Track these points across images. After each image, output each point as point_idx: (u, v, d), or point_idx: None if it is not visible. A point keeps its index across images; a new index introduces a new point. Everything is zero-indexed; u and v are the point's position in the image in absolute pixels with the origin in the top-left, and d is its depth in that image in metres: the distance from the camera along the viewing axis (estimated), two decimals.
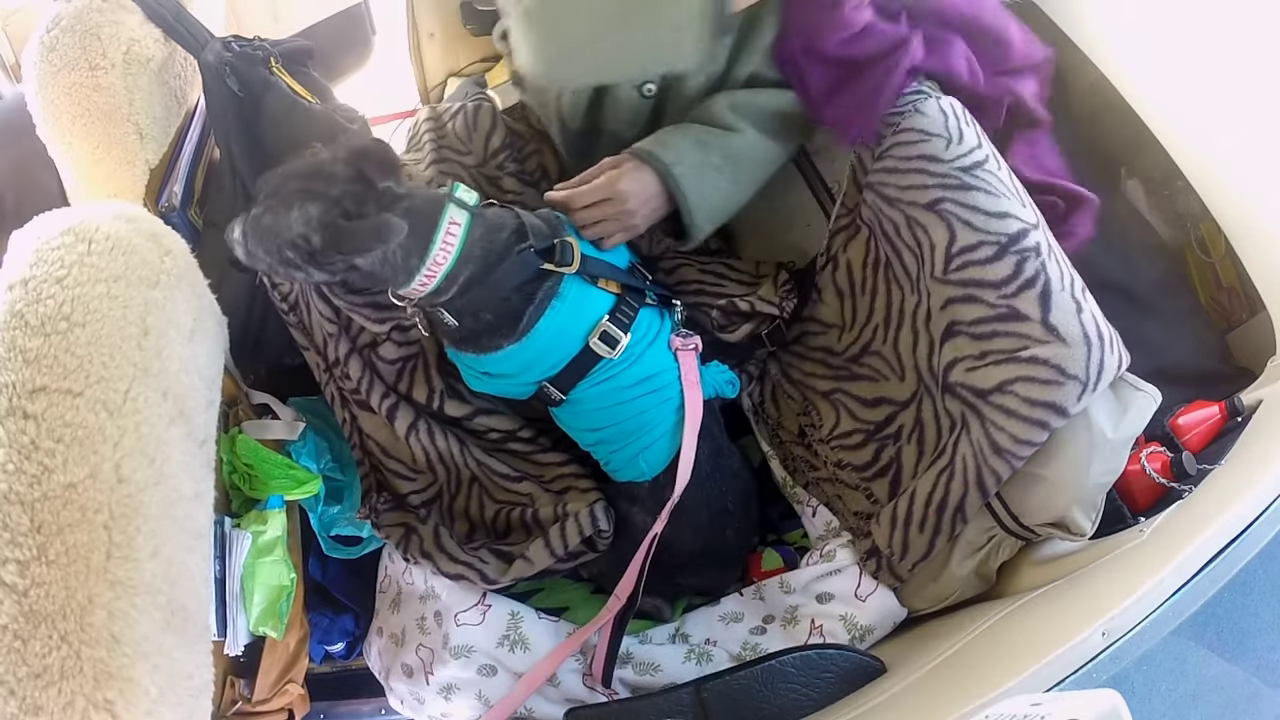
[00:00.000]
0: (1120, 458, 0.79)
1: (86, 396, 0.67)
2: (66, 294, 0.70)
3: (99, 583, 0.63)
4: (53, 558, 0.62)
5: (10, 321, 0.68)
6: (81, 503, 0.64)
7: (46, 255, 0.72)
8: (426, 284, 0.84)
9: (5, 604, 0.60)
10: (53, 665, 0.60)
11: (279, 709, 0.97)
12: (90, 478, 0.65)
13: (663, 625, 1.00)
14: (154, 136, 1.06)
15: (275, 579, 0.93)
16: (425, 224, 0.82)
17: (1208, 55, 1.04)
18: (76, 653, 0.60)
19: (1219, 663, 1.45)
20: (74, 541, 0.63)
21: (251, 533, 0.92)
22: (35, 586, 0.61)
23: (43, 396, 0.66)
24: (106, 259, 0.73)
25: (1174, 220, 1.23)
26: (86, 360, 0.68)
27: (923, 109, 0.88)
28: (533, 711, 0.92)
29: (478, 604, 0.93)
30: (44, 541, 0.62)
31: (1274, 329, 0.97)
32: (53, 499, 0.63)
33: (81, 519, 0.64)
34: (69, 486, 0.64)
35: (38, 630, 0.60)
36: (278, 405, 1.06)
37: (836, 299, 1.00)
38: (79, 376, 0.67)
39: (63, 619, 0.61)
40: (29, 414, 0.65)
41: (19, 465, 0.63)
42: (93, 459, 0.66)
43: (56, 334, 0.68)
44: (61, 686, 0.60)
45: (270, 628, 0.93)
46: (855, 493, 0.97)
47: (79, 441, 0.65)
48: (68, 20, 1.00)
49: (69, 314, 0.69)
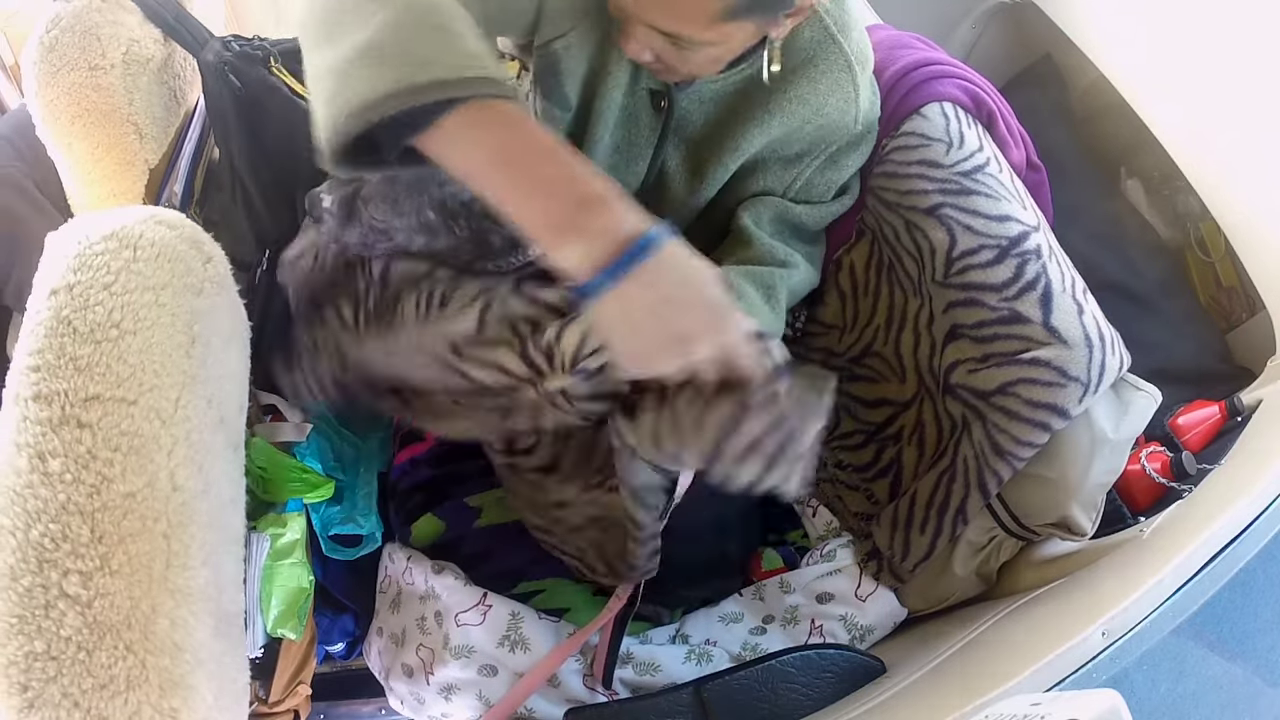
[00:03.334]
0: (1121, 458, 0.79)
1: (140, 405, 0.67)
2: (115, 301, 0.69)
3: (161, 592, 0.63)
4: (116, 568, 0.62)
5: (58, 328, 0.68)
6: (141, 512, 0.64)
7: (91, 260, 0.71)
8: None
9: (69, 616, 0.60)
10: (119, 676, 0.60)
11: (288, 710, 0.97)
12: (148, 487, 0.65)
13: (662, 626, 1.00)
14: (153, 136, 1.06)
15: (295, 581, 0.94)
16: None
17: (1208, 55, 1.04)
18: (142, 662, 0.61)
19: (1219, 662, 1.45)
20: (136, 551, 0.63)
21: (270, 535, 0.93)
22: (100, 597, 0.61)
23: (97, 405, 0.65)
24: (153, 266, 0.73)
25: (1174, 220, 1.23)
26: (139, 368, 0.68)
27: (924, 113, 0.88)
28: (533, 711, 0.92)
29: (478, 604, 0.94)
30: (107, 551, 0.62)
31: (1274, 329, 0.97)
32: (113, 509, 0.63)
33: (142, 528, 0.64)
34: (128, 496, 0.64)
35: (103, 641, 0.60)
36: (285, 407, 1.06)
37: (838, 300, 1.00)
38: (132, 385, 0.67)
39: (128, 629, 0.61)
40: (84, 423, 0.65)
41: (77, 475, 0.63)
42: (149, 468, 0.65)
43: (108, 341, 0.68)
44: (128, 697, 0.60)
45: (290, 629, 0.93)
46: (856, 493, 0.97)
47: (135, 451, 0.65)
48: (67, 20, 1.00)
49: (119, 321, 0.69)
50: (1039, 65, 1.34)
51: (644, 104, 0.86)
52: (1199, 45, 1.05)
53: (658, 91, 0.84)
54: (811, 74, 0.82)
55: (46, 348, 0.67)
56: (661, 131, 0.87)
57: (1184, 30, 1.06)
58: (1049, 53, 1.33)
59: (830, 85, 0.83)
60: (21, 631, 0.59)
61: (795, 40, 0.81)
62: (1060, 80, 1.32)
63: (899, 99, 0.90)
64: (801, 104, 0.83)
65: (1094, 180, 1.24)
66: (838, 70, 0.83)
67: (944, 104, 0.89)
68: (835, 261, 0.99)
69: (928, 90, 0.90)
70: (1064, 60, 1.31)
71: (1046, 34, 1.27)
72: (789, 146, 0.88)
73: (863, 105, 0.86)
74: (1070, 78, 1.32)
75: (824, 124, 0.85)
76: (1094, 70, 1.18)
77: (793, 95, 0.83)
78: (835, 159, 0.89)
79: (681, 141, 0.88)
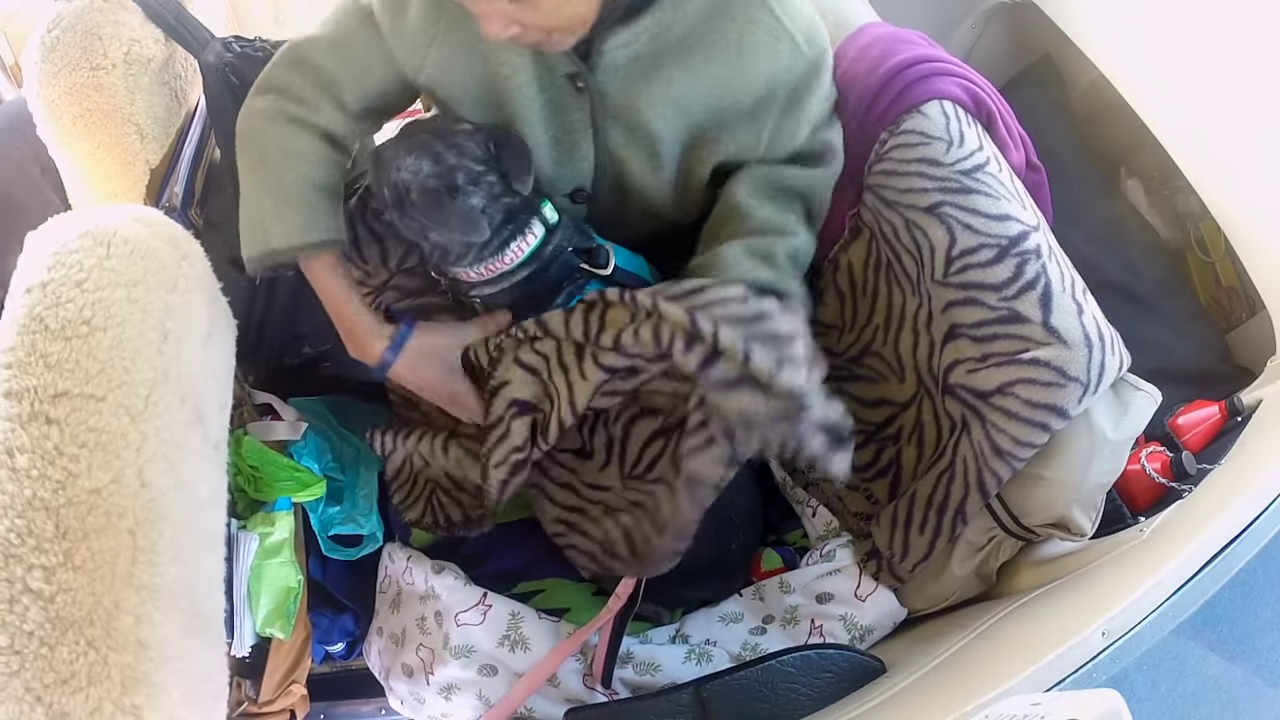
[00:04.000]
0: (1121, 458, 0.79)
1: (109, 401, 0.67)
2: (87, 298, 0.70)
3: (125, 588, 0.63)
4: (79, 563, 0.62)
5: (30, 325, 0.68)
6: (106, 508, 0.64)
7: (65, 259, 0.72)
8: (484, 275, 0.88)
9: (32, 610, 0.60)
10: (80, 671, 0.60)
11: (282, 710, 0.97)
12: (114, 483, 0.65)
13: (662, 626, 1.00)
14: (154, 137, 1.06)
15: (283, 580, 0.94)
16: (509, 228, 0.86)
17: (1208, 56, 1.04)
18: (104, 658, 0.61)
19: (1219, 663, 1.45)
20: (100, 547, 0.63)
21: (258, 534, 0.93)
22: (62, 593, 0.61)
23: (65, 401, 0.66)
24: (126, 263, 0.73)
25: (1174, 220, 1.23)
26: (108, 365, 0.68)
27: (924, 110, 0.88)
28: (533, 711, 0.92)
29: (478, 604, 0.94)
30: (70, 547, 0.62)
31: (1274, 329, 0.97)
32: (78, 504, 0.63)
33: (107, 524, 0.64)
34: (93, 492, 0.64)
35: (65, 636, 0.60)
36: (280, 405, 1.06)
37: (837, 300, 1.00)
38: (101, 381, 0.67)
39: (90, 625, 0.61)
40: (52, 419, 0.65)
41: (43, 471, 0.63)
42: (116, 464, 0.66)
43: (78, 338, 0.68)
44: (89, 692, 0.60)
45: (279, 629, 0.93)
46: (855, 493, 0.97)
47: (102, 447, 0.65)
48: (68, 20, 1.00)
49: (89, 318, 0.69)
50: (1039, 65, 1.34)
51: (565, 90, 0.85)
52: (1199, 45, 1.05)
53: (574, 74, 0.84)
54: (724, 16, 0.81)
55: (19, 345, 0.67)
56: (591, 112, 0.86)
57: (1184, 30, 1.06)
58: (1049, 53, 1.33)
59: (746, 21, 0.81)
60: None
61: None
62: (1060, 80, 1.32)
63: (898, 92, 0.90)
64: (724, 49, 0.82)
65: (1094, 180, 1.24)
66: (750, 4, 0.81)
67: (944, 102, 0.89)
68: (833, 261, 0.99)
69: (928, 87, 0.89)
70: (1064, 60, 1.31)
71: (1046, 34, 1.27)
72: (737, 98, 0.85)
73: (795, 31, 0.83)
74: (1070, 78, 1.32)
75: (759, 63, 0.83)
76: (1094, 70, 1.18)
77: (711, 40, 0.82)
78: (796, 98, 0.86)
79: (616, 117, 0.87)
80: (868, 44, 0.95)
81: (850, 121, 0.93)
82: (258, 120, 0.87)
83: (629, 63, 0.83)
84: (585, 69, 0.83)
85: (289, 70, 0.87)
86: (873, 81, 0.91)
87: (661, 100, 0.84)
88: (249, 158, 0.88)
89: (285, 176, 0.86)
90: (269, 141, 0.87)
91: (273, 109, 0.86)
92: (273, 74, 0.88)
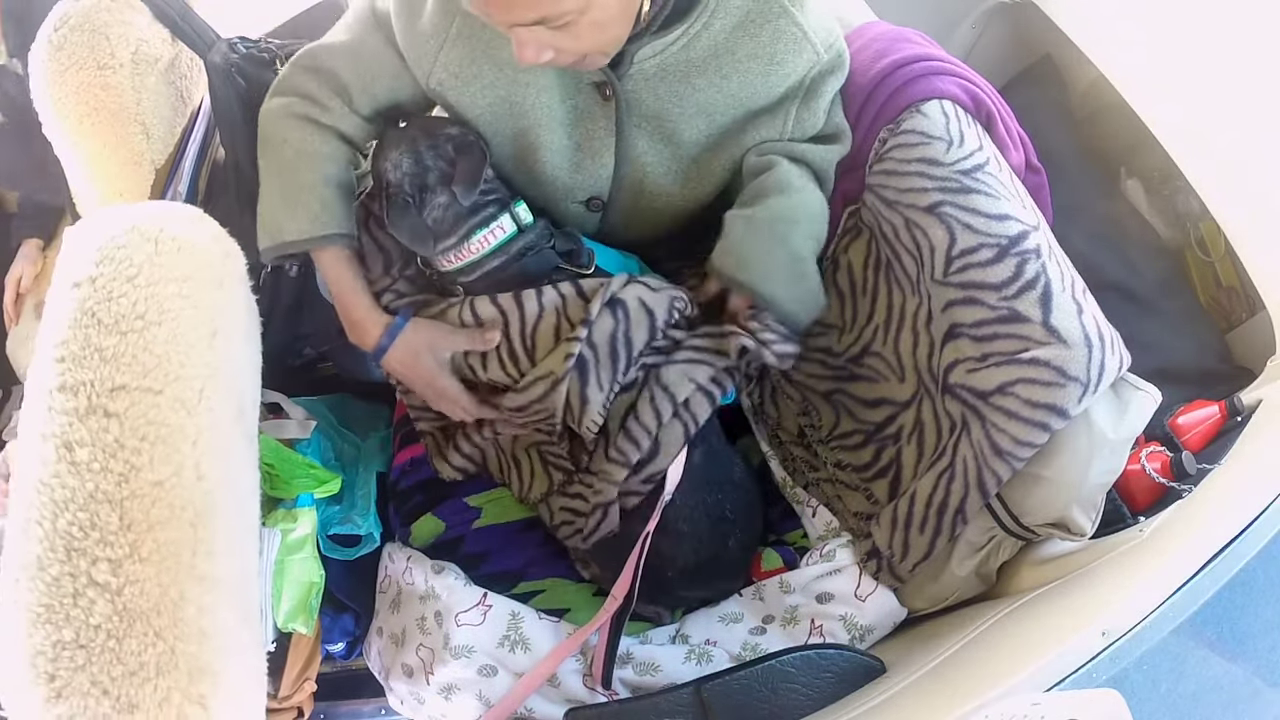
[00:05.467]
0: (1120, 457, 0.79)
1: (166, 395, 0.68)
2: (139, 293, 0.70)
3: (189, 579, 0.63)
4: (146, 555, 0.62)
5: (82, 319, 0.68)
6: (169, 500, 0.65)
7: (113, 254, 0.72)
8: (453, 263, 0.92)
9: (99, 604, 0.61)
10: (149, 662, 0.60)
11: (293, 706, 0.98)
12: (175, 475, 0.66)
13: (662, 626, 1.00)
14: (160, 136, 1.07)
15: (306, 575, 0.94)
16: (473, 219, 0.90)
17: (1208, 56, 1.04)
18: (171, 649, 0.61)
19: (1219, 663, 1.45)
20: (165, 539, 0.63)
21: (280, 530, 0.93)
22: (130, 584, 0.62)
23: (124, 395, 0.66)
24: (175, 259, 0.74)
25: (1174, 220, 1.23)
26: (164, 359, 0.69)
27: (924, 110, 0.88)
28: (533, 711, 0.93)
29: (478, 604, 0.94)
30: (136, 539, 0.63)
31: (1274, 329, 0.97)
32: (141, 497, 0.64)
33: (170, 516, 0.64)
34: (156, 484, 0.65)
35: (133, 628, 0.61)
36: (288, 404, 1.06)
37: (837, 300, 1.00)
38: (158, 375, 0.68)
39: (157, 615, 0.61)
40: (110, 412, 0.65)
41: (104, 464, 0.64)
42: (176, 457, 0.66)
43: (133, 332, 0.68)
44: (158, 683, 0.60)
45: (301, 623, 0.94)
46: (855, 493, 0.97)
47: (163, 440, 0.66)
48: (75, 19, 1.00)
49: (143, 313, 0.70)
50: (1039, 65, 1.35)
51: (590, 98, 0.87)
52: (1199, 45, 1.05)
53: (601, 83, 0.85)
54: (751, 29, 0.84)
55: (71, 339, 0.68)
56: (617, 120, 0.88)
57: (1184, 30, 1.06)
58: (1049, 53, 1.33)
59: (773, 34, 0.84)
60: (49, 620, 0.60)
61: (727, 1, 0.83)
62: (1060, 80, 1.32)
63: (895, 89, 0.90)
64: (753, 59, 0.85)
65: (1094, 180, 1.24)
66: (775, 17, 0.84)
67: (944, 102, 0.89)
68: (833, 260, 1.00)
69: (926, 85, 0.90)
70: (1064, 60, 1.32)
71: (1046, 34, 1.27)
72: (760, 102, 0.88)
73: (816, 40, 0.86)
74: (1070, 78, 1.32)
75: (784, 70, 0.86)
76: (1094, 70, 1.18)
77: (741, 54, 0.85)
78: (814, 91, 0.89)
79: (644, 123, 0.89)
80: (866, 43, 0.96)
81: (848, 117, 0.94)
82: (275, 119, 0.91)
83: (658, 72, 0.85)
84: (614, 78, 0.84)
85: (304, 74, 0.90)
86: (869, 79, 0.92)
87: (690, 107, 0.87)
88: (266, 155, 0.92)
89: (299, 173, 0.90)
90: (285, 140, 0.90)
91: (288, 110, 0.90)
92: (289, 76, 0.91)
